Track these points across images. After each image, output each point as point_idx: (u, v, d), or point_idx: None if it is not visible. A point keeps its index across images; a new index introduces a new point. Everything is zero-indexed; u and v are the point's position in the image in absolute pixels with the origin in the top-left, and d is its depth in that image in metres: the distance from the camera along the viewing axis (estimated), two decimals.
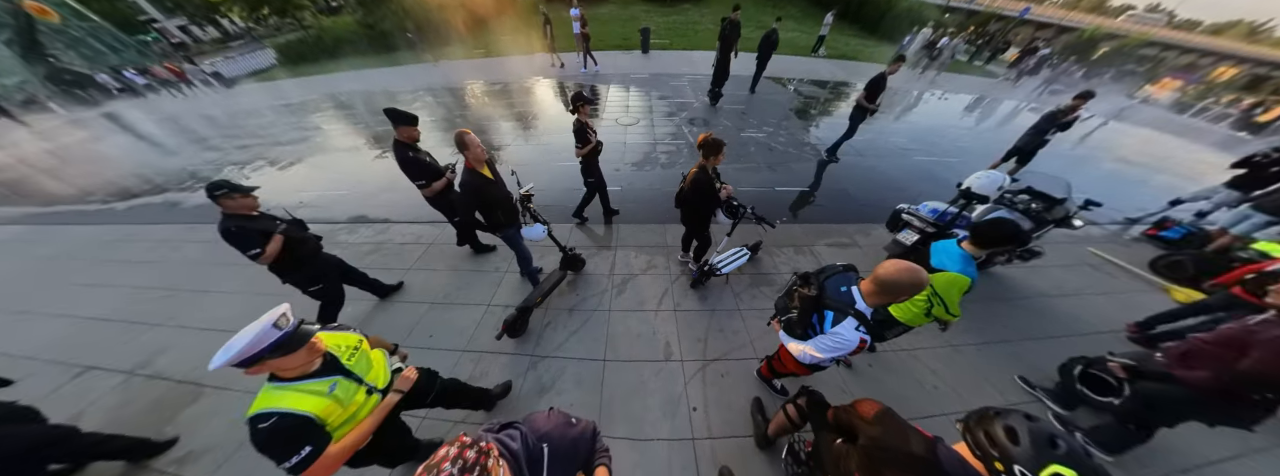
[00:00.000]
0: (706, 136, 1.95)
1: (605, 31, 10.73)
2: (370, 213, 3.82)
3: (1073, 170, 4.96)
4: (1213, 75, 21.96)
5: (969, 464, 0.69)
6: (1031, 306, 2.67)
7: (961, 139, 5.83)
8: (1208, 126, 9.95)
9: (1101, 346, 2.25)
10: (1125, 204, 4.16)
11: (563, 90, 7.52)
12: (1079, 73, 13.97)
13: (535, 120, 6.04)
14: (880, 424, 0.88)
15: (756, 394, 1.91)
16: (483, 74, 8.84)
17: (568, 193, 3.76)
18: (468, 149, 1.80)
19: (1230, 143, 8.15)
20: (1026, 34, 23.28)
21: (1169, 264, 3.13)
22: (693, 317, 2.43)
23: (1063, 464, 0.59)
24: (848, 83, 8.39)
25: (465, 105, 7.03)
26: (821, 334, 1.18)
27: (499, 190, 2.03)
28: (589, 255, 2.94)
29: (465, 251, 3.11)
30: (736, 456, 1.67)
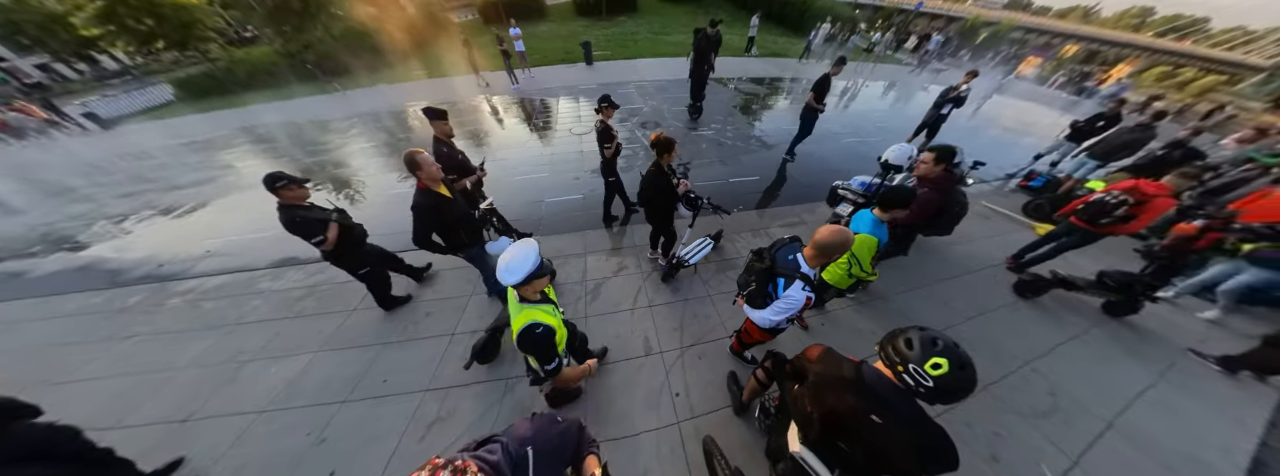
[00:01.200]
0: (658, 136, 2.06)
1: (548, 47, 10.87)
2: (300, 253, 3.33)
3: (967, 138, 5.96)
4: (1062, 52, 26.67)
5: (883, 374, 0.89)
6: (941, 255, 3.25)
7: (881, 120, 6.72)
8: (1057, 94, 12.41)
9: (989, 278, 2.99)
10: (1004, 162, 5.09)
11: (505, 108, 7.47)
12: (967, 55, 16.48)
13: (487, 137, 5.99)
14: (821, 361, 1.04)
15: (731, 369, 2.07)
16: (417, 96, 8.49)
17: (529, 206, 3.83)
18: (420, 169, 1.71)
19: (1071, 105, 10.28)
20: (923, 24, 26.73)
21: (1033, 206, 3.93)
22: (667, 310, 2.51)
23: (939, 355, 0.78)
24: (781, 78, 9.27)
25: (409, 128, 6.77)
26: (777, 299, 1.34)
27: (458, 209, 1.95)
28: (559, 264, 2.92)
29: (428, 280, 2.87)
30: (718, 427, 1.81)
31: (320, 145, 6.33)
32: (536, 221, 3.59)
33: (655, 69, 9.14)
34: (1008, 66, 16.11)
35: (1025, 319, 2.61)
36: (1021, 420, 1.91)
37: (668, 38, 12.14)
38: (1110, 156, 4.31)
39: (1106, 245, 2.73)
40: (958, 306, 2.66)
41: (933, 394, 0.79)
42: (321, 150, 6.08)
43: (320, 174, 5.14)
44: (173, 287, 3.15)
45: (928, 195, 2.12)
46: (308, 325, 2.56)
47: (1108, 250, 2.89)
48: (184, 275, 3.34)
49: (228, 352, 2.40)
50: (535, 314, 1.17)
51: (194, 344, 2.50)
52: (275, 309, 2.70)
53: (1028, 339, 2.42)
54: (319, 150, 6.09)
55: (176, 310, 2.87)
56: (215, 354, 2.40)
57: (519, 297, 1.19)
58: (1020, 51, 20.33)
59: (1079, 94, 12.42)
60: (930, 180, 2.17)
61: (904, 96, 8.91)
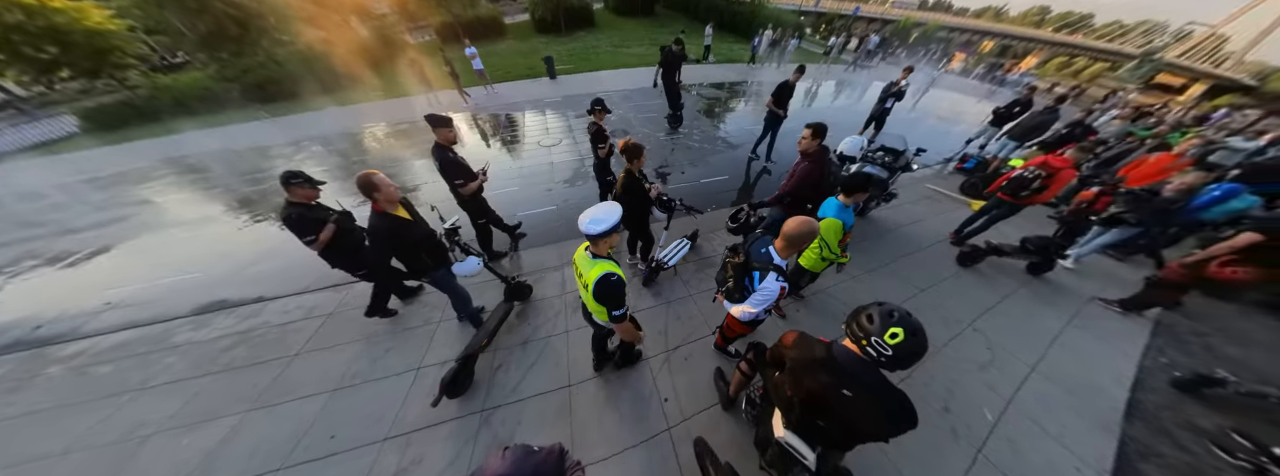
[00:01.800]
0: (627, 142, 2.07)
1: (510, 63, 10.93)
2: (234, 294, 3.05)
3: (908, 128, 6.54)
4: (981, 48, 29.99)
5: (850, 349, 0.94)
6: (896, 236, 3.56)
7: (834, 115, 7.24)
8: (980, 84, 13.95)
9: (937, 252, 3.31)
10: (941, 148, 5.65)
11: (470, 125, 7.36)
12: (903, 53, 18.15)
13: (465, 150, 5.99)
14: (796, 346, 1.09)
15: (717, 365, 2.09)
16: (371, 118, 8.15)
17: None
18: (377, 190, 1.60)
19: (992, 93, 11.64)
20: (862, 27, 29.12)
21: (968, 185, 4.39)
22: (651, 314, 2.48)
23: (895, 325, 0.85)
24: (739, 82, 9.81)
25: (364, 150, 6.46)
26: (754, 292, 1.38)
27: (419, 230, 1.82)
28: (536, 279, 2.80)
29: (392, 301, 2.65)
30: (708, 426, 1.81)
31: (261, 172, 5.83)
32: (505, 238, 3.43)
33: (619, 79, 9.38)
34: (939, 62, 17.93)
35: (967, 285, 2.94)
36: (967, 373, 2.16)
37: (628, 50, 12.53)
38: (1025, 137, 4.91)
39: (1028, 214, 3.15)
40: (913, 280, 2.94)
41: (893, 361, 0.86)
42: (263, 178, 5.60)
43: (262, 203, 4.75)
44: (53, 353, 2.62)
45: (807, 168, 2.32)
46: (236, 380, 2.22)
47: (1028, 219, 3.30)
48: (70, 336, 2.79)
49: (125, 426, 1.98)
50: (608, 266, 1.34)
51: (78, 420, 2.05)
52: (195, 365, 2.34)
53: (970, 302, 2.73)
54: (260, 178, 5.61)
55: (56, 380, 2.38)
56: (108, 430, 1.97)
57: (592, 254, 1.38)
58: (948, 48, 22.71)
59: (998, 83, 14.20)
60: (809, 155, 2.33)
61: (852, 93, 9.71)
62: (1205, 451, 1.85)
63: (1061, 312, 2.70)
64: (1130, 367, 2.30)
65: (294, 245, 2.09)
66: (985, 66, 17.06)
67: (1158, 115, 6.79)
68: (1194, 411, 2.04)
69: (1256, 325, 2.74)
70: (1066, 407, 2.02)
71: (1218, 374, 2.14)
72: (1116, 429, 1.93)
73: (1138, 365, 2.32)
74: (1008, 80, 14.24)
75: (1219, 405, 2.07)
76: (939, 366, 2.15)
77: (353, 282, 2.80)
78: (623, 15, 17.07)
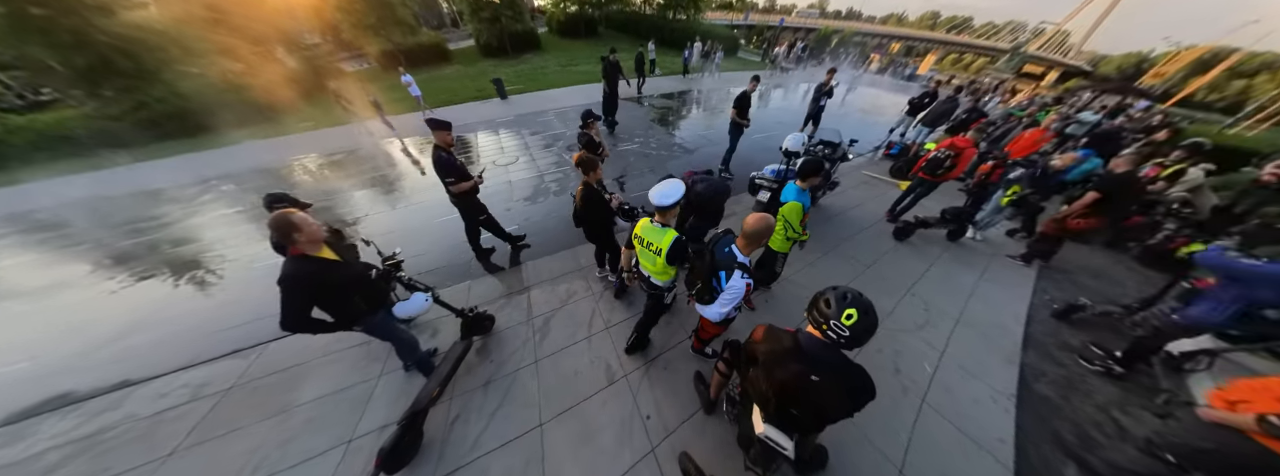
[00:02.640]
0: (580, 155, 2.07)
1: (459, 87, 10.74)
2: (85, 382, 2.35)
3: (841, 122, 7.26)
4: (891, 49, 34.30)
5: (813, 335, 0.99)
6: (842, 220, 3.92)
7: (777, 116, 7.89)
8: (893, 80, 15.93)
9: (877, 231, 3.67)
10: (871, 137, 6.31)
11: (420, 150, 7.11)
12: (826, 57, 20.25)
13: (395, 184, 5.35)
14: (765, 340, 1.13)
15: (696, 369, 2.09)
16: (296, 151, 7.46)
17: (456, 249, 3.38)
18: (299, 230, 1.37)
19: (904, 88, 13.32)
20: (789, 37, 32.13)
21: (895, 169, 4.96)
22: (626, 327, 2.41)
23: (850, 306, 0.91)
24: (685, 91, 10.37)
25: (289, 185, 5.82)
26: (722, 292, 1.42)
27: (350, 271, 1.60)
28: (498, 308, 2.61)
29: (311, 370, 2.26)
30: (692, 435, 1.78)
31: (149, 221, 4.93)
32: (467, 263, 3.24)
33: (571, 96, 9.53)
34: (858, 64, 20.22)
35: (903, 256, 3.30)
36: (909, 334, 2.44)
37: (576, 68, 12.83)
38: (935, 123, 5.67)
39: (943, 189, 3.63)
40: (860, 258, 3.24)
41: (851, 340, 0.91)
42: (151, 227, 4.75)
43: (150, 256, 3.98)
44: None
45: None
46: None
47: (944, 193, 3.80)
48: None
49: None
50: (672, 232, 1.59)
51: None
52: None
53: (906, 271, 3.08)
54: (147, 228, 4.74)
55: None
56: None
57: (660, 224, 1.61)
58: (863, 51, 25.74)
59: (908, 79, 16.36)
60: None
61: (788, 94, 10.65)
62: (1074, 363, 2.29)
63: (974, 271, 3.14)
64: (1023, 307, 2.77)
65: (183, 306, 1.82)
66: (896, 65, 19.54)
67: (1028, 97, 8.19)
68: (1067, 334, 2.52)
69: (1103, 260, 3.44)
70: (983, 348, 2.37)
71: (1079, 301, 2.65)
72: (1017, 359, 2.31)
73: (1028, 304, 2.80)
74: (918, 76, 16.41)
75: (1083, 326, 2.59)
76: (887, 333, 2.39)
77: (267, 342, 2.45)
78: (567, 37, 17.55)
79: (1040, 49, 46.50)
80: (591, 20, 17.93)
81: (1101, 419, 1.97)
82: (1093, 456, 1.74)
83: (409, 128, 7.94)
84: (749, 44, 18.58)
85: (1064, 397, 2.09)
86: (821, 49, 22.63)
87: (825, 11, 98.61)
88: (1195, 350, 2.05)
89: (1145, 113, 8.27)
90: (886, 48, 33.98)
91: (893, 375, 2.14)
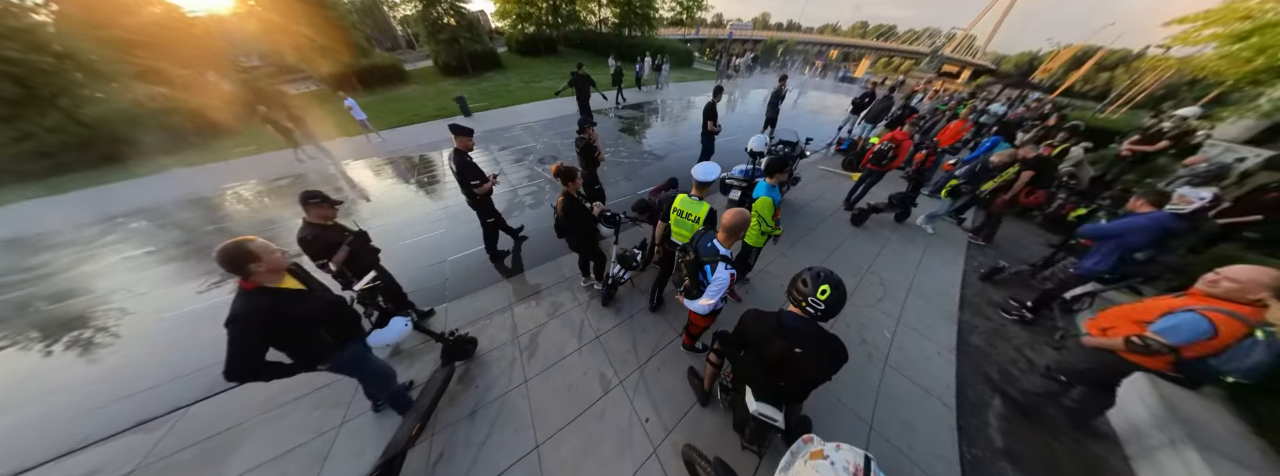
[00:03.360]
0: (558, 166, 2.10)
1: (418, 107, 10.49)
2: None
3: (796, 123, 7.90)
4: (830, 55, 37.73)
5: (794, 312, 1.10)
6: (806, 212, 4.27)
7: (738, 120, 8.43)
8: (837, 82, 17.57)
9: (837, 220, 4.05)
10: (824, 135, 6.91)
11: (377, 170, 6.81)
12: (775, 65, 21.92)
13: (349, 207, 4.94)
14: (753, 323, 1.22)
15: (689, 365, 2.15)
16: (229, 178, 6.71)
17: (428, 270, 3.27)
18: (257, 260, 1.17)
19: (847, 89, 14.79)
20: (739, 48, 34.39)
21: (847, 163, 5.48)
22: (616, 334, 2.43)
23: (824, 283, 1.03)
24: (648, 101, 10.84)
25: (221, 216, 5.15)
26: (709, 284, 1.51)
27: (316, 302, 1.40)
28: (480, 329, 2.49)
29: (247, 433, 1.92)
30: (691, 428, 1.84)
31: (20, 274, 4.07)
32: (442, 284, 3.08)
33: (538, 110, 9.60)
34: (804, 70, 22.07)
35: (861, 240, 3.67)
36: (871, 308, 2.74)
37: (540, 84, 12.94)
38: (876, 120, 6.34)
39: (888, 178, 4.09)
40: (824, 245, 3.56)
41: (825, 313, 1.04)
42: (20, 282, 3.91)
43: (16, 319, 3.27)
44: None
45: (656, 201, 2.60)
46: None
47: (889, 181, 4.28)
48: None
49: None
50: (707, 204, 1.97)
51: None
52: None
53: (864, 253, 3.44)
54: (13, 282, 3.91)
55: None
56: None
57: (698, 197, 1.97)
58: (806, 58, 28.16)
59: (849, 82, 18.17)
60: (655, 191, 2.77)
61: (747, 100, 11.43)
62: (997, 316, 2.75)
63: (919, 247, 3.57)
64: (958, 274, 3.22)
65: (65, 375, 1.70)
66: (835, 69, 21.54)
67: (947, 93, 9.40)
68: (992, 293, 3.00)
69: (1015, 229, 4.03)
70: (929, 312, 2.74)
71: (1000, 264, 3.15)
72: (955, 318, 2.70)
73: (962, 271, 3.26)
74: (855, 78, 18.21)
75: (1003, 284, 3.10)
76: (852, 309, 2.68)
77: (185, 406, 2.10)
78: (528, 55, 17.77)
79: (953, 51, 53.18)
80: (551, 39, 18.31)
81: (1017, 357, 2.40)
82: (1011, 388, 2.12)
83: (355, 151, 7.51)
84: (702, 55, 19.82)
85: (991, 344, 2.49)
86: (769, 58, 24.49)
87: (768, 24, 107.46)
88: (1081, 293, 2.51)
89: (1037, 102, 9.70)
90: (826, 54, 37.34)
91: (859, 344, 2.39)
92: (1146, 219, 2.06)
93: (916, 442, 1.85)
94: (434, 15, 14.25)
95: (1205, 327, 1.28)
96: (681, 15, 21.91)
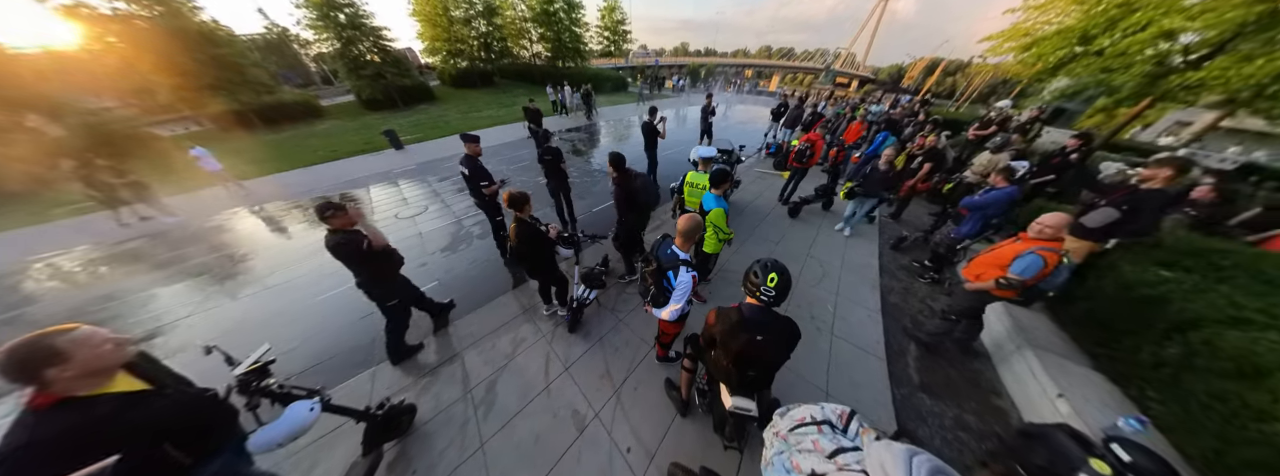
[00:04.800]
0: (510, 193, 2.00)
1: (338, 142, 9.62)
2: None
3: (728, 133, 8.65)
4: (746, 74, 42.87)
5: (752, 303, 1.17)
6: (750, 211, 4.65)
7: (676, 135, 9.05)
8: (756, 96, 19.89)
9: (777, 215, 4.45)
10: (753, 141, 7.69)
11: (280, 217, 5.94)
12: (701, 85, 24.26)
13: (232, 268, 3.98)
14: (718, 321, 1.26)
15: (665, 377, 2.10)
16: (45, 246, 5.04)
17: (350, 327, 2.71)
18: (59, 362, 0.83)
19: (766, 101, 16.83)
20: (668, 72, 37.46)
21: (777, 163, 6.13)
22: (587, 361, 2.27)
23: (772, 271, 1.11)
24: (589, 124, 11.28)
25: (16, 302, 3.73)
26: (674, 289, 1.53)
27: (161, 405, 0.99)
28: (420, 391, 2.10)
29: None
30: (674, 444, 1.78)
31: None
32: (371, 342, 2.52)
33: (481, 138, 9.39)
34: (727, 87, 24.71)
35: (799, 230, 4.10)
36: (813, 288, 3.03)
37: (479, 114, 12.76)
38: (792, 125, 7.24)
39: (811, 173, 4.66)
40: (770, 238, 3.90)
41: (777, 298, 1.12)
42: None
43: None
44: None
45: (616, 193, 2.65)
46: None
47: (812, 176, 4.86)
48: None
49: None
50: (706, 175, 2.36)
51: None
52: None
53: (803, 240, 3.86)
54: None
55: None
56: None
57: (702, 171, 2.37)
58: (727, 79, 31.68)
59: (759, 93, 20.69)
60: (616, 182, 2.62)
61: (682, 116, 12.37)
62: (907, 277, 3.29)
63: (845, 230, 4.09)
64: (876, 247, 3.77)
65: None
66: (751, 86, 24.50)
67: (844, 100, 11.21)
68: (902, 259, 3.58)
69: (919, 208, 4.82)
70: (858, 283, 3.16)
71: (903, 234, 3.83)
72: (877, 284, 3.15)
73: (878, 244, 3.84)
74: (769, 92, 20.87)
75: (908, 250, 3.72)
76: (800, 290, 2.94)
77: None
78: (464, 87, 17.49)
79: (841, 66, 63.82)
80: (486, 72, 18.32)
81: (922, 307, 2.91)
82: (920, 332, 2.51)
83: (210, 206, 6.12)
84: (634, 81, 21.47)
85: (904, 301, 2.98)
86: (696, 79, 27.17)
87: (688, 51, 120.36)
88: (960, 248, 3.10)
89: (908, 104, 11.93)
90: (742, 74, 42.31)
91: (809, 321, 2.62)
92: (1002, 193, 2.69)
93: (862, 397, 2.05)
94: (355, 53, 13.45)
95: (1040, 264, 1.72)
96: (610, 47, 23.51)
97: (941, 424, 1.95)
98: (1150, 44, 3.76)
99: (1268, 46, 3.33)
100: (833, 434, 0.94)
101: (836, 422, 0.99)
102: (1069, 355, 2.12)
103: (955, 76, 56.73)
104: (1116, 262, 2.20)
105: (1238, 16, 3.24)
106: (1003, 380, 2.21)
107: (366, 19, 13.16)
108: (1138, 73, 3.94)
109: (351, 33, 13.11)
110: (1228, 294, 1.77)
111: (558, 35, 19.09)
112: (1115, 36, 3.96)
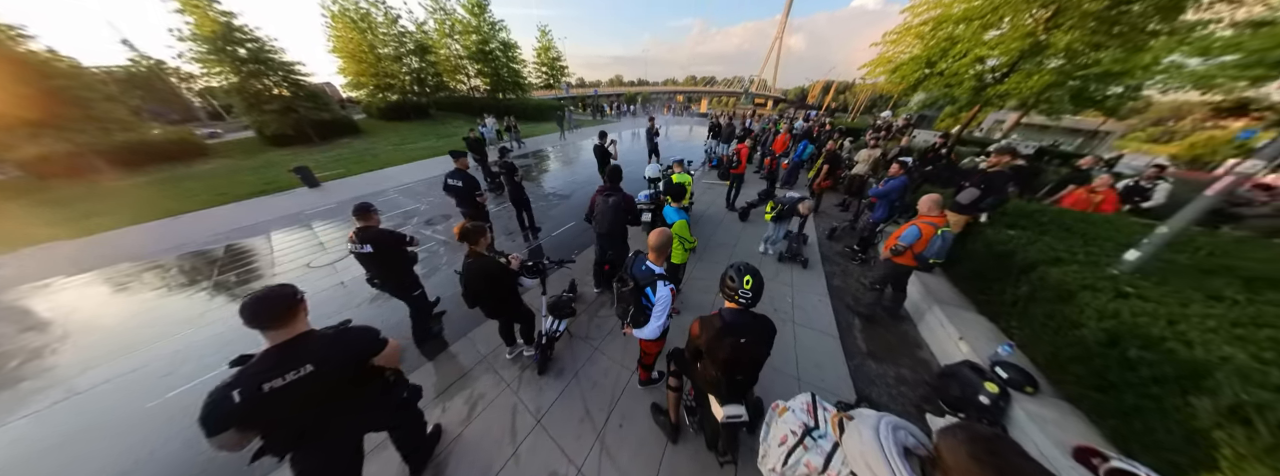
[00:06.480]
0: (462, 226, 1.82)
1: (230, 184, 8.10)
2: None
3: (673, 150, 9.33)
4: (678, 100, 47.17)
5: (731, 307, 1.21)
6: (706, 218, 5.02)
7: (627, 155, 9.43)
8: (692, 118, 21.91)
9: (730, 220, 4.86)
10: (697, 156, 8.38)
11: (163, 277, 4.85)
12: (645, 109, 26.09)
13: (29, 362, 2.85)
14: (702, 331, 1.27)
15: (650, 403, 1.97)
16: None
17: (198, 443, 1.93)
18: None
19: (701, 120, 18.79)
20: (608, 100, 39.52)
21: (721, 174, 6.76)
22: (562, 407, 2.02)
23: (746, 274, 1.16)
24: (538, 150, 11.37)
25: None
26: (654, 304, 1.51)
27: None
28: None
29: None
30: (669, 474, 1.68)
31: None
32: None
33: (412, 172, 8.74)
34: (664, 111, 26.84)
35: (750, 232, 4.52)
36: (773, 282, 3.35)
37: (414, 145, 12.02)
38: (728, 140, 8.10)
39: (750, 180, 5.29)
40: (726, 242, 4.24)
41: (753, 300, 1.17)
42: None
43: None
44: None
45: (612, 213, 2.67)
46: None
47: (750, 182, 5.52)
48: None
49: None
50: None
51: None
52: None
53: (755, 240, 4.21)
54: None
55: None
56: None
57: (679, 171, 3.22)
58: (663, 104, 34.68)
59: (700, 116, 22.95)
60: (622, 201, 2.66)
61: (630, 139, 13.07)
62: (843, 260, 3.82)
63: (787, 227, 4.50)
64: (815, 238, 4.31)
65: None
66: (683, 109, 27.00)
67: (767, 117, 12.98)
68: (836, 246, 4.20)
69: (832, 199, 5.64)
70: (806, 272, 3.57)
71: (835, 224, 4.61)
72: (822, 270, 3.61)
73: (817, 235, 4.41)
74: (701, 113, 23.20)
75: (840, 238, 4.36)
76: (767, 289, 3.21)
77: None
78: (395, 120, 16.41)
79: (756, 90, 73.88)
80: (420, 105, 17.46)
81: (856, 284, 3.38)
82: (858, 306, 2.95)
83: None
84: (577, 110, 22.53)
85: (843, 282, 3.45)
86: (633, 105, 29.35)
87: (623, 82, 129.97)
88: (878, 231, 3.78)
89: (815, 119, 14.17)
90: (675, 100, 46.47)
91: (773, 313, 2.86)
92: (897, 182, 3.47)
93: (825, 376, 2.25)
94: (257, 87, 11.91)
95: (917, 233, 2.25)
96: (550, 80, 24.32)
97: (887, 383, 2.23)
98: (971, 66, 5.12)
99: (1038, 66, 4.87)
100: (814, 439, 0.97)
101: (807, 420, 1.04)
102: (963, 306, 2.63)
103: (845, 94, 68.83)
104: (982, 229, 2.83)
105: (1018, 46, 4.69)
106: (922, 335, 2.65)
107: (274, 55, 11.91)
108: (967, 87, 5.31)
109: (254, 67, 11.71)
110: (1048, 242, 2.38)
111: (496, 71, 19.24)
112: (949, 62, 5.30)
